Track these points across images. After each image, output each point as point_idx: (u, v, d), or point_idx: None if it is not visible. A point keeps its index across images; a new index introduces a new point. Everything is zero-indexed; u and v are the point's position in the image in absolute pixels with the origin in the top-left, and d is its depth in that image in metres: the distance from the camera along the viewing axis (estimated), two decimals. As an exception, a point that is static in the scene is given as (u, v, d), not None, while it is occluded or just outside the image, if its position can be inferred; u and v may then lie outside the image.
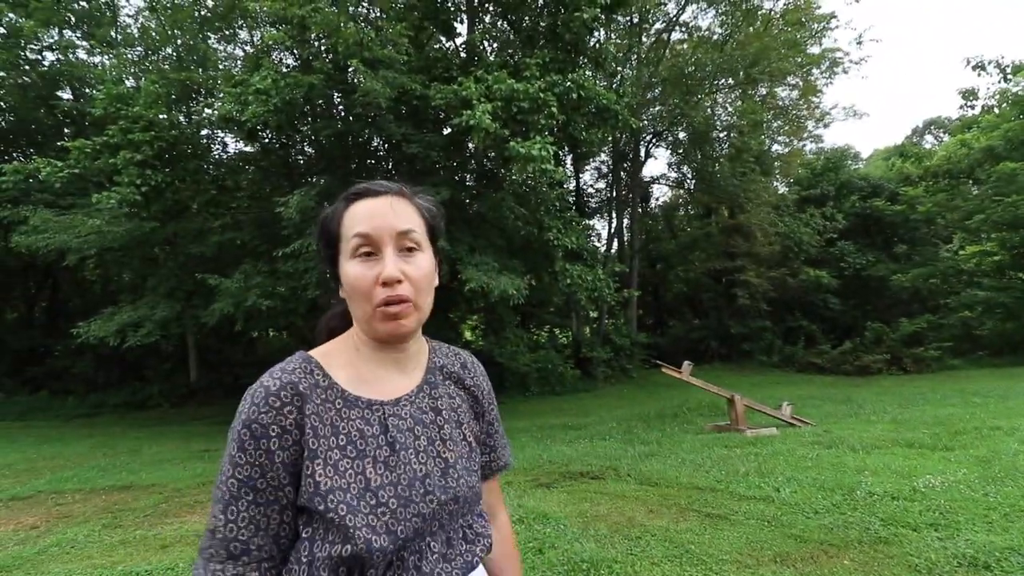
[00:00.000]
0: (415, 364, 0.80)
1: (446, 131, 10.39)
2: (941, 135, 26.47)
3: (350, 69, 8.82)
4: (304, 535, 0.67)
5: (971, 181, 16.52)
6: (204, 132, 11.90)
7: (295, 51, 9.52)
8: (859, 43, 22.92)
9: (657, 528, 3.38)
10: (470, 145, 10.13)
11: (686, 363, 7.80)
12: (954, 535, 2.97)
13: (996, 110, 15.42)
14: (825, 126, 18.78)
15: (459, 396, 0.83)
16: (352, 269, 0.72)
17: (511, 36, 11.70)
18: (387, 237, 0.72)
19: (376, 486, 0.68)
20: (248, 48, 10.87)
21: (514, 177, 9.92)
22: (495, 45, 12.00)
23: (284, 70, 9.37)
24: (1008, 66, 14.54)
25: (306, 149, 12.13)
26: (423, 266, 0.74)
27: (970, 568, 2.58)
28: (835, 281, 16.97)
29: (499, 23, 11.93)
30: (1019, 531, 2.95)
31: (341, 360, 0.74)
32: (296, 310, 9.96)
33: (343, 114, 10.67)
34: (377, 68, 8.41)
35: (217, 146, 12.64)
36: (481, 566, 0.79)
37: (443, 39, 11.35)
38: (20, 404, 13.43)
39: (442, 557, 0.72)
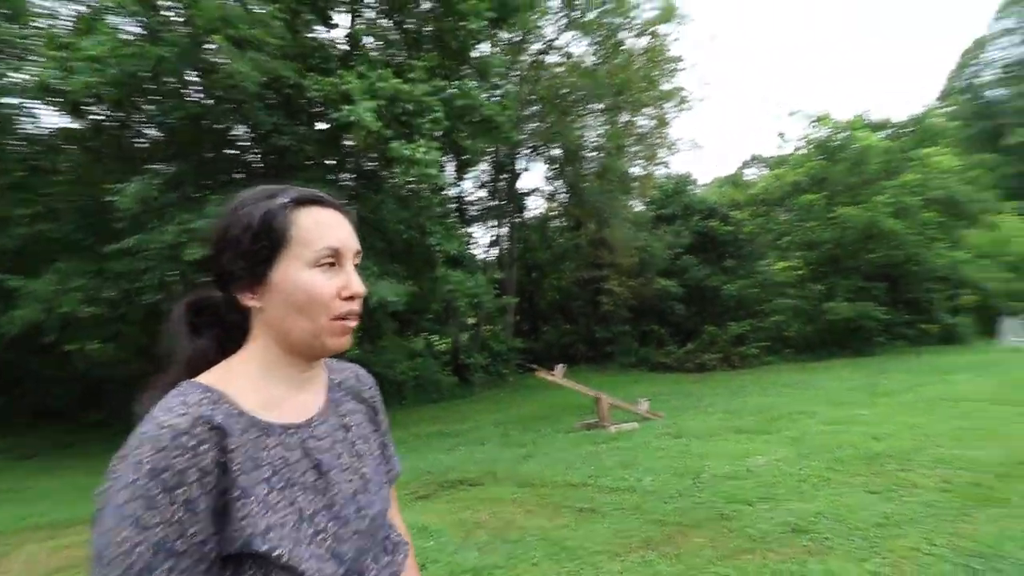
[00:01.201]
0: (318, 382, 0.78)
1: (322, 125, 9.80)
2: (762, 168, 31.46)
3: (211, 46, 7.92)
4: None
5: (782, 208, 19.99)
6: (10, 100, 9.77)
7: (142, 18, 8.27)
8: (707, 84, 26.48)
9: (535, 528, 3.54)
10: (349, 142, 9.68)
11: (559, 366, 8.26)
12: (778, 506, 3.56)
13: (803, 151, 18.85)
14: (673, 154, 21.25)
15: (360, 410, 0.83)
16: (314, 278, 0.69)
17: (396, 36, 11.44)
18: (350, 253, 0.73)
19: (310, 513, 0.65)
20: (80, 7, 9.15)
21: (396, 180, 9.69)
22: (379, 43, 11.63)
23: (127, 37, 8.09)
24: (812, 116, 17.97)
25: (148, 131, 10.55)
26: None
27: (793, 533, 3.11)
28: (681, 290, 19.34)
29: (382, 21, 11.58)
30: (824, 498, 3.63)
31: (242, 385, 0.68)
32: (128, 317, 8.59)
33: (200, 95, 9.52)
34: (244, 48, 7.66)
35: (27, 119, 10.43)
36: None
37: (321, 27, 10.70)
38: None
39: (376, 572, 0.72)
